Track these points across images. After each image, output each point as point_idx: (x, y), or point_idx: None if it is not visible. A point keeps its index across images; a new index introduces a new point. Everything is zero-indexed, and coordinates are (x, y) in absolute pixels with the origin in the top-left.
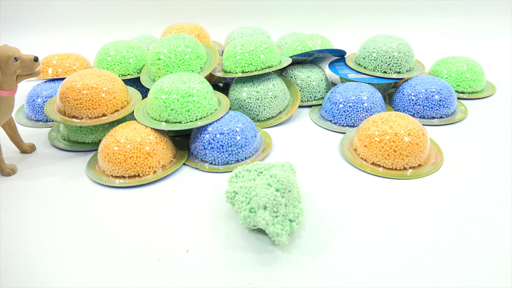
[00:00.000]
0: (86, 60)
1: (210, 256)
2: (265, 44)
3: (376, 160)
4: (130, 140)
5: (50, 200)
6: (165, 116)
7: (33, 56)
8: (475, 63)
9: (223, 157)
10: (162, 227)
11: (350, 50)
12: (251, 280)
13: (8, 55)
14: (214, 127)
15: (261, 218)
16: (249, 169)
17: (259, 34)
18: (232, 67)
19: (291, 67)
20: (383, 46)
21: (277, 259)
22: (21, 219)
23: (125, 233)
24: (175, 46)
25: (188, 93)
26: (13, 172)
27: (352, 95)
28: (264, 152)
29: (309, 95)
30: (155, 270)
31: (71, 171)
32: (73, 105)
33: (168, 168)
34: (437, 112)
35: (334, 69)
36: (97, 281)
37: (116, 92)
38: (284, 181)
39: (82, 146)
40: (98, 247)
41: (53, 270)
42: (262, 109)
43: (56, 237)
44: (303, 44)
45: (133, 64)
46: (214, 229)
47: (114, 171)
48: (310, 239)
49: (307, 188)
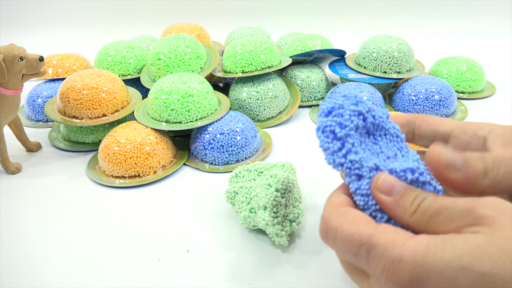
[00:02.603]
0: (86, 60)
1: (210, 256)
2: (265, 44)
3: None
4: (130, 140)
5: (50, 200)
6: (165, 116)
7: (39, 56)
8: (475, 63)
9: (223, 157)
10: (162, 227)
11: (350, 50)
12: (251, 280)
13: (14, 55)
14: (214, 127)
15: (261, 218)
16: (249, 169)
17: (259, 34)
18: (232, 67)
19: (291, 67)
20: (383, 46)
21: (277, 260)
22: (21, 219)
23: (125, 233)
24: (175, 46)
25: (188, 93)
26: (18, 170)
27: None
28: (264, 152)
29: (309, 95)
30: (155, 270)
31: (71, 171)
32: (73, 105)
33: (169, 168)
34: (437, 112)
35: (334, 69)
36: (97, 281)
37: (117, 92)
38: (284, 182)
39: (82, 146)
40: (98, 247)
41: (53, 270)
42: (262, 109)
43: (56, 237)
44: (303, 44)
45: (133, 64)
46: (214, 229)
47: (115, 171)
48: (310, 240)
49: (308, 188)
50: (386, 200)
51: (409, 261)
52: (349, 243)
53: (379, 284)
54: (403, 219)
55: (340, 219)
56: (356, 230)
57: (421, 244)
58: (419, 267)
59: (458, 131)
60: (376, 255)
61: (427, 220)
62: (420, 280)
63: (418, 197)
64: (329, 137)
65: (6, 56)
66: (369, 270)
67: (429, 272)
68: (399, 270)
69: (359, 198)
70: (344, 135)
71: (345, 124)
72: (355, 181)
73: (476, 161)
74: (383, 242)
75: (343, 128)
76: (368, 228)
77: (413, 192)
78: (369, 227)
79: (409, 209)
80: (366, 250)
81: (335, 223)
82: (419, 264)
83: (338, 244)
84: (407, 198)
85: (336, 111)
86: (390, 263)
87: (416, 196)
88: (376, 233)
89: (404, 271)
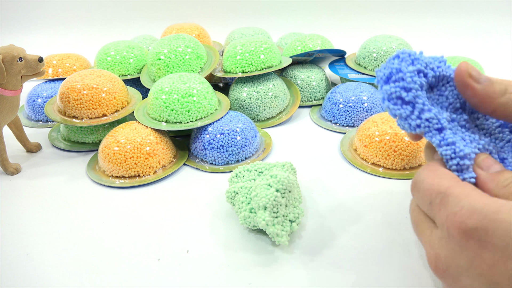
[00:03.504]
0: (86, 60)
1: (210, 256)
2: (265, 44)
3: (376, 160)
4: (130, 140)
5: (50, 200)
6: (165, 116)
7: (38, 57)
8: (475, 63)
9: (223, 157)
10: (162, 227)
11: (350, 50)
12: (251, 280)
13: (13, 55)
14: (214, 127)
15: (261, 218)
16: (249, 169)
17: (259, 34)
18: (232, 67)
19: (291, 67)
20: (383, 46)
21: (277, 260)
22: (21, 219)
23: (125, 233)
24: (175, 46)
25: (189, 93)
26: (17, 171)
27: (352, 95)
28: (264, 152)
29: (309, 95)
30: (155, 270)
31: (71, 171)
32: (73, 105)
33: (169, 168)
34: None
35: (334, 69)
36: (97, 281)
37: (117, 92)
38: (284, 182)
39: (82, 146)
40: (98, 247)
41: (53, 270)
42: (262, 109)
43: (56, 237)
44: (303, 44)
45: (133, 64)
46: (214, 229)
47: (115, 171)
48: (310, 240)
49: (308, 188)
50: (481, 173)
51: (479, 211)
52: (428, 191)
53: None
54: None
55: (430, 173)
56: (438, 181)
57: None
58: (487, 219)
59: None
60: (448, 202)
61: None
62: (485, 231)
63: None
64: (398, 104)
65: (5, 57)
66: (437, 218)
67: (497, 227)
68: (466, 218)
69: (445, 148)
70: (412, 97)
71: (409, 87)
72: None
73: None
74: (458, 192)
75: (409, 91)
76: (450, 180)
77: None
78: (451, 180)
79: (503, 183)
80: (441, 198)
81: (424, 176)
82: (488, 217)
83: (421, 193)
84: (502, 176)
85: (395, 76)
86: (458, 209)
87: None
88: (455, 185)
89: (471, 219)
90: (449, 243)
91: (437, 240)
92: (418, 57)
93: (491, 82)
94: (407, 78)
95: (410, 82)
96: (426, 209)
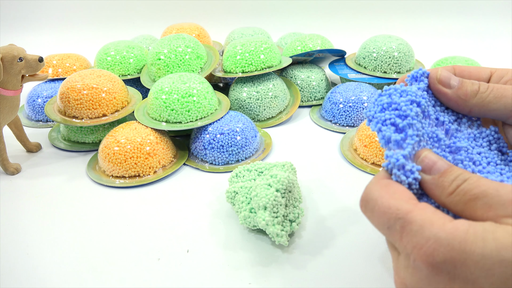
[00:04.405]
0: (86, 60)
1: (210, 256)
2: (265, 44)
3: (376, 160)
4: (130, 140)
5: (50, 200)
6: (165, 116)
7: (38, 57)
8: (475, 63)
9: (223, 157)
10: (162, 227)
11: (350, 50)
12: (251, 280)
13: (13, 55)
14: (214, 127)
15: (261, 218)
16: (249, 168)
17: (259, 34)
18: (232, 67)
19: (291, 67)
20: (383, 46)
21: (277, 260)
22: (21, 219)
23: (125, 233)
24: (175, 46)
25: (189, 93)
26: (17, 171)
27: (352, 95)
28: (264, 152)
29: (309, 95)
30: (155, 270)
31: (71, 171)
32: (73, 105)
33: (169, 168)
34: None
35: (334, 69)
36: (97, 281)
37: (117, 92)
38: (284, 182)
39: (82, 146)
40: (98, 247)
41: (53, 270)
42: (262, 109)
43: (56, 237)
44: (303, 44)
45: (133, 64)
46: (214, 229)
47: (115, 171)
48: (310, 240)
49: (308, 188)
50: (425, 178)
51: (446, 243)
52: (385, 216)
53: (408, 261)
54: (440, 198)
55: (382, 191)
56: (394, 204)
57: (460, 229)
58: (455, 251)
59: (496, 76)
60: (410, 231)
61: (464, 203)
62: (454, 264)
63: (459, 178)
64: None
65: (5, 57)
66: (400, 246)
67: (465, 259)
68: (433, 250)
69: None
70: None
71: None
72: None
73: (470, 83)
74: (420, 220)
75: (405, 118)
76: (407, 204)
77: (454, 172)
78: (409, 203)
79: (447, 189)
80: (401, 225)
81: (376, 195)
82: (455, 249)
83: (375, 215)
84: (446, 178)
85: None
86: (424, 241)
87: (457, 177)
88: (415, 210)
89: (438, 252)
90: (415, 274)
91: (402, 268)
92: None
93: (462, 84)
94: (403, 107)
95: (405, 110)
96: (384, 233)
